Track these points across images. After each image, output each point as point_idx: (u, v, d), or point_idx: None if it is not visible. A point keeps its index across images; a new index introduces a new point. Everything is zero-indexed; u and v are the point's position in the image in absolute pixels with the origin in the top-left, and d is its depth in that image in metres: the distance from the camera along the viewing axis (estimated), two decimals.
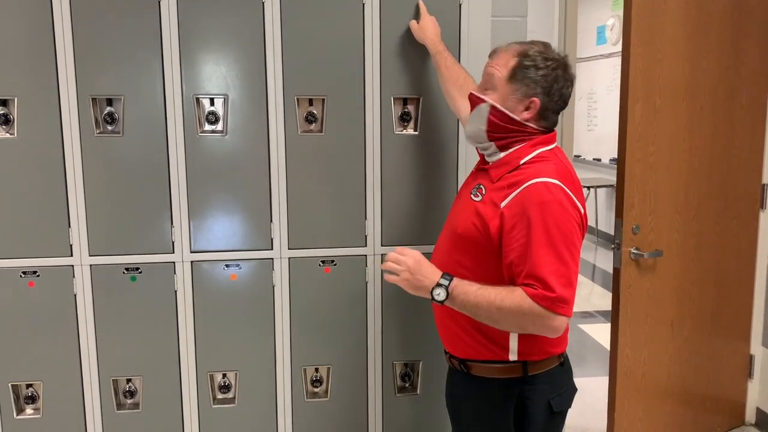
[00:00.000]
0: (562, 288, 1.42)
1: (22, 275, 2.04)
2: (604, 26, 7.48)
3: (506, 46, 1.57)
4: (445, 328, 1.70)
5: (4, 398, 2.09)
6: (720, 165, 2.63)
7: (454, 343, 1.68)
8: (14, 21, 1.94)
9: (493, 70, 1.55)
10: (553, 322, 1.44)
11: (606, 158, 7.52)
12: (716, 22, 2.51)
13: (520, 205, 1.46)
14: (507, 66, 1.52)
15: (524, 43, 1.58)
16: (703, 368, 2.76)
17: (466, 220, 1.57)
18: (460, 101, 1.90)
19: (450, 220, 1.69)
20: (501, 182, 1.54)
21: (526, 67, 1.51)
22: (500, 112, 1.53)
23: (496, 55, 1.58)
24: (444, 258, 1.64)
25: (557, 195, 1.45)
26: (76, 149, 2.01)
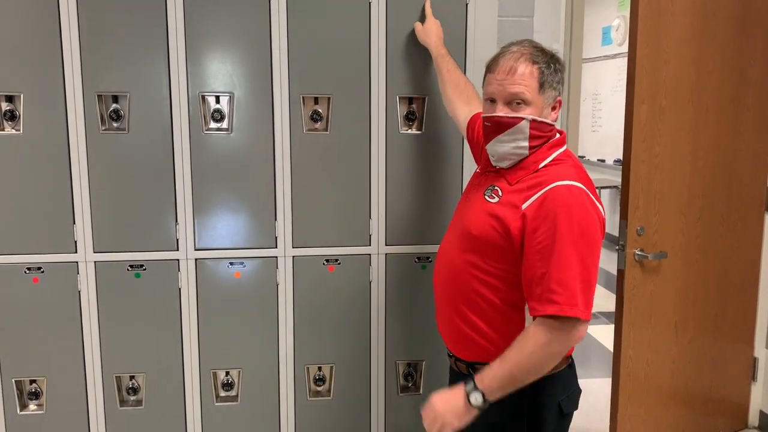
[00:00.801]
0: (582, 294, 1.42)
1: (27, 271, 2.04)
2: (609, 27, 7.47)
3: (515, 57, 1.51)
4: (453, 330, 1.63)
5: (8, 394, 2.09)
6: (725, 167, 2.62)
7: (462, 344, 1.62)
8: (21, 18, 1.94)
9: (521, 89, 1.50)
10: (578, 332, 1.44)
11: (610, 159, 7.51)
12: (722, 24, 2.50)
13: (543, 207, 1.45)
14: (533, 77, 1.50)
15: (525, 49, 1.53)
16: (707, 370, 2.75)
17: (482, 222, 1.53)
18: (458, 104, 1.92)
19: (459, 220, 1.65)
20: (520, 184, 1.52)
21: (548, 73, 1.51)
22: (539, 123, 1.52)
23: (512, 71, 1.50)
24: (456, 259, 1.59)
25: (581, 198, 1.45)
26: (82, 146, 2.01)
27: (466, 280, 1.56)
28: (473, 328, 1.58)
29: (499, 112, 1.52)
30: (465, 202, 1.67)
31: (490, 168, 1.63)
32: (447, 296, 1.63)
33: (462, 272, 1.55)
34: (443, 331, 1.69)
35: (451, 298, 1.61)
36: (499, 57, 1.55)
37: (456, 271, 1.57)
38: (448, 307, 1.61)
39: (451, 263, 1.60)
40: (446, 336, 1.68)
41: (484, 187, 1.60)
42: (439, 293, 1.68)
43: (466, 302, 1.57)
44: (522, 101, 1.50)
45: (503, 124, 1.52)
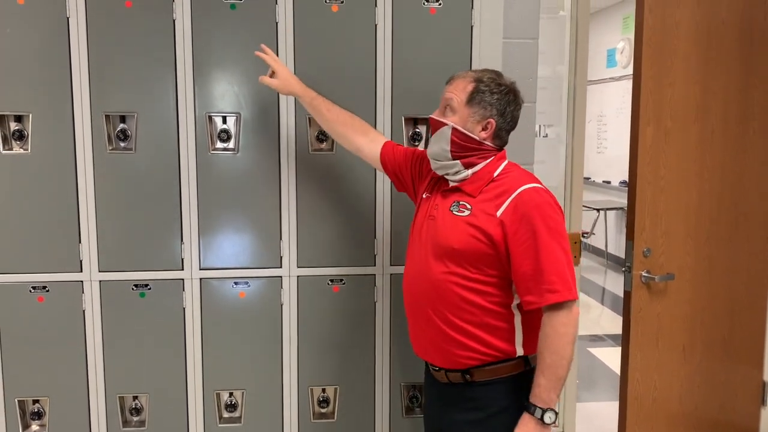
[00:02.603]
0: (572, 278, 1.58)
1: (32, 290, 2.04)
2: (614, 49, 7.52)
3: (462, 73, 1.70)
4: (443, 343, 1.68)
5: (11, 414, 2.08)
6: (732, 188, 2.61)
7: (455, 354, 1.67)
8: (30, 38, 1.97)
9: (451, 95, 1.67)
10: (576, 309, 1.58)
11: (616, 180, 7.51)
12: (727, 45, 2.51)
13: (517, 210, 1.59)
14: (465, 90, 1.66)
15: (477, 70, 1.72)
16: (715, 394, 2.72)
17: (462, 234, 1.62)
18: (355, 138, 1.93)
19: (429, 240, 1.69)
20: (485, 194, 1.64)
21: (482, 91, 1.65)
22: (461, 133, 1.66)
23: (453, 81, 1.69)
24: (437, 276, 1.65)
25: (546, 197, 1.61)
26: (89, 165, 2.02)
27: (453, 292, 1.63)
28: (467, 335, 1.64)
29: (434, 115, 1.70)
30: (430, 221, 1.71)
31: (443, 187, 1.73)
32: (432, 313, 1.67)
33: (447, 286, 1.63)
34: (427, 348, 1.74)
35: (439, 313, 1.66)
36: None
37: (440, 287, 1.64)
38: (435, 323, 1.67)
39: (431, 281, 1.66)
40: (433, 352, 1.72)
41: (447, 204, 1.69)
42: (420, 314, 1.72)
43: (456, 312, 1.63)
44: (449, 107, 1.67)
45: (432, 124, 1.70)
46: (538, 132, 2.85)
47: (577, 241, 2.81)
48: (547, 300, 1.56)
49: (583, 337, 4.77)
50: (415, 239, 1.76)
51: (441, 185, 1.75)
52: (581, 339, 3.93)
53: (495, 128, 1.67)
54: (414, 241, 1.76)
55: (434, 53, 2.09)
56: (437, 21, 2.08)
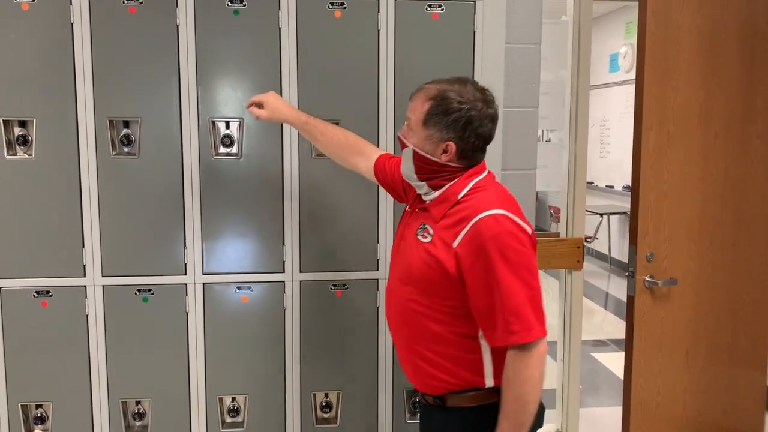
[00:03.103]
0: (534, 314, 1.47)
1: (36, 295, 2.05)
2: (617, 54, 7.52)
3: (425, 86, 1.57)
4: (411, 366, 1.63)
5: (14, 418, 2.08)
6: (735, 193, 2.61)
7: (423, 380, 1.61)
8: (35, 43, 1.98)
9: (409, 114, 1.57)
10: (540, 349, 1.48)
11: (619, 185, 7.50)
12: (730, 50, 2.51)
13: (473, 242, 1.46)
14: (422, 110, 1.53)
15: (443, 81, 1.56)
16: (719, 399, 2.71)
17: (420, 262, 1.54)
18: (352, 159, 1.88)
19: (399, 261, 1.64)
20: (446, 220, 1.53)
21: (436, 113, 1.51)
22: (421, 156, 1.55)
23: (414, 96, 1.57)
24: (402, 298, 1.59)
25: (506, 225, 1.47)
26: (93, 170, 2.03)
27: (414, 317, 1.56)
28: (430, 363, 1.57)
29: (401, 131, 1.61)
30: (400, 240, 1.66)
31: (417, 205, 1.64)
32: (399, 335, 1.64)
33: (409, 310, 1.57)
34: (404, 368, 1.68)
35: (404, 336, 1.61)
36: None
37: (403, 309, 1.58)
38: (404, 345, 1.62)
39: (398, 303, 1.61)
40: (407, 372, 1.67)
41: (416, 226, 1.60)
42: (393, 332, 1.69)
43: (418, 338, 1.57)
44: (408, 128, 1.57)
45: (401, 143, 1.60)
46: (541, 137, 2.86)
47: (580, 245, 2.81)
48: (506, 341, 1.46)
49: (586, 342, 4.75)
50: (393, 254, 1.69)
51: (419, 200, 1.65)
52: (585, 344, 3.93)
53: (456, 151, 1.52)
54: (392, 256, 1.70)
55: (437, 58, 2.10)
56: (440, 26, 2.09)
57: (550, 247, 2.76)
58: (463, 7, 2.09)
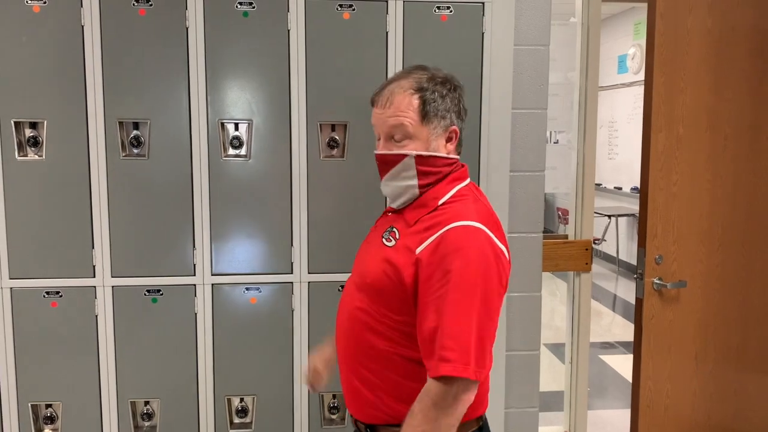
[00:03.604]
0: (475, 350, 1.27)
1: (46, 295, 2.06)
2: (625, 55, 7.50)
3: (393, 88, 1.42)
4: (349, 387, 1.47)
5: (24, 418, 2.10)
6: (744, 195, 2.60)
7: (358, 404, 1.45)
8: (46, 46, 1.99)
9: (400, 120, 1.38)
10: (468, 395, 1.28)
11: (627, 187, 7.48)
12: (740, 51, 2.50)
13: (438, 251, 1.31)
14: (413, 108, 1.39)
15: (407, 76, 1.43)
16: (729, 403, 2.69)
17: (377, 268, 1.39)
18: None
19: (358, 266, 1.51)
20: (418, 225, 1.38)
21: (432, 100, 1.39)
22: (428, 158, 1.40)
23: (389, 103, 1.41)
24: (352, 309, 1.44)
25: (478, 240, 1.31)
26: (102, 172, 2.04)
27: (360, 329, 1.40)
28: (368, 385, 1.41)
29: (381, 148, 1.43)
30: (366, 245, 1.52)
31: (392, 208, 1.51)
32: (343, 347, 1.47)
33: (356, 319, 1.41)
34: (343, 387, 1.51)
35: (348, 352, 1.45)
36: (380, 88, 1.44)
37: (351, 322, 1.43)
38: (345, 361, 1.47)
39: (348, 313, 1.45)
40: (345, 393, 1.50)
41: (383, 228, 1.47)
42: (338, 344, 1.51)
43: (360, 355, 1.41)
44: (403, 135, 1.39)
45: (387, 162, 1.41)
46: (549, 138, 2.85)
47: (588, 247, 2.80)
48: (438, 371, 1.25)
49: (594, 344, 4.74)
50: (356, 261, 1.55)
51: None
52: (593, 346, 3.91)
53: (459, 135, 1.44)
54: (354, 263, 1.56)
55: (445, 60, 2.08)
56: (448, 28, 2.09)
57: (559, 249, 2.76)
58: (472, 8, 2.09)
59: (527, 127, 2.29)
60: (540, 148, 2.31)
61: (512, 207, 2.25)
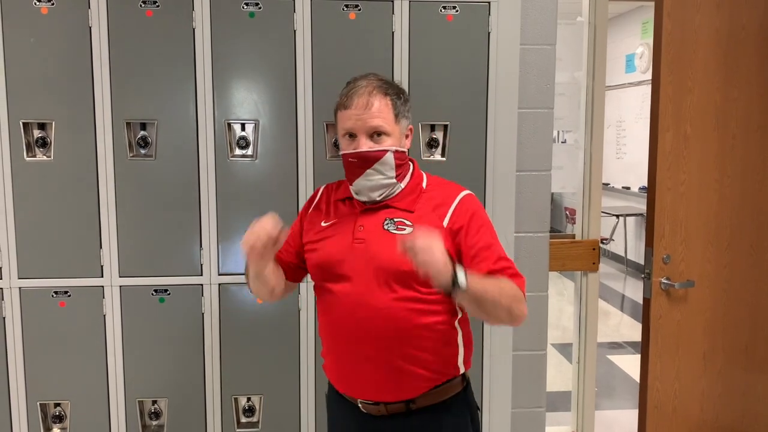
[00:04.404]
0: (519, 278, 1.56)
1: (54, 295, 2.07)
2: (633, 54, 7.47)
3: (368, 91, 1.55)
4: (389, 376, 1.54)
5: (33, 416, 2.11)
6: (753, 194, 2.58)
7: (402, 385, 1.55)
8: (54, 47, 2.01)
9: (379, 122, 1.54)
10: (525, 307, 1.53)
11: (635, 186, 7.45)
12: (747, 51, 2.49)
13: (462, 214, 1.56)
14: (389, 110, 1.56)
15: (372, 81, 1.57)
16: (737, 403, 2.68)
17: None
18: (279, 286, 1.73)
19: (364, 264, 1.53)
20: (422, 208, 1.57)
21: (400, 104, 1.58)
22: (400, 152, 1.58)
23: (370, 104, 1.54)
24: (385, 304, 1.51)
25: (479, 202, 1.63)
26: (110, 172, 2.05)
27: (405, 319, 1.50)
28: (419, 363, 1.54)
29: (362, 146, 1.54)
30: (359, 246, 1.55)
31: (358, 207, 1.61)
32: (376, 347, 1.53)
33: (398, 313, 1.50)
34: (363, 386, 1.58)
35: (386, 345, 1.52)
36: (351, 93, 1.56)
37: (389, 316, 1.50)
38: (380, 357, 1.53)
39: (376, 311, 1.51)
40: (371, 388, 1.58)
41: (376, 223, 1.56)
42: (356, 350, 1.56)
43: (409, 340, 1.52)
44: (382, 133, 1.55)
45: (370, 158, 1.54)
46: (557, 138, 2.85)
47: (595, 247, 2.79)
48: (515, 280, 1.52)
49: (602, 344, 4.72)
50: (336, 269, 1.57)
51: (347, 206, 1.63)
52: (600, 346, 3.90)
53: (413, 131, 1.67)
54: (334, 272, 1.57)
55: (451, 60, 2.10)
56: (454, 28, 2.09)
57: (566, 249, 2.75)
58: (478, 8, 2.09)
59: (534, 126, 2.29)
60: (547, 147, 2.31)
61: (519, 206, 2.24)
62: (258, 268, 1.58)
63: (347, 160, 1.57)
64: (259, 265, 1.57)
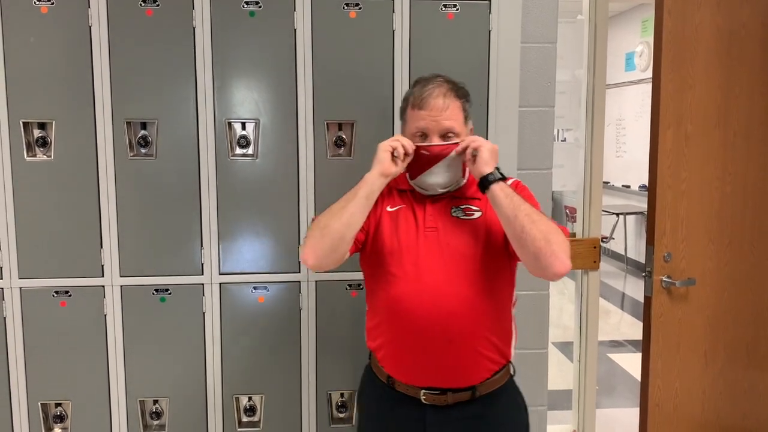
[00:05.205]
0: None
1: (55, 295, 2.07)
2: (632, 53, 7.46)
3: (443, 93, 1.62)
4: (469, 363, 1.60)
5: (34, 417, 2.11)
6: (754, 192, 2.58)
7: (478, 370, 1.63)
8: (53, 47, 2.00)
9: (452, 123, 1.62)
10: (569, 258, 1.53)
11: (635, 185, 7.45)
12: (749, 48, 2.48)
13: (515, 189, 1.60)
14: (460, 112, 1.64)
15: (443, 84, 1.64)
16: (739, 401, 2.68)
17: (485, 236, 1.61)
18: None
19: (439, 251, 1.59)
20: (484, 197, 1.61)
21: (468, 107, 1.67)
22: None
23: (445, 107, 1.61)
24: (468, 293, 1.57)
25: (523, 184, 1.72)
26: (110, 172, 2.05)
27: (480, 304, 1.58)
28: (488, 347, 1.62)
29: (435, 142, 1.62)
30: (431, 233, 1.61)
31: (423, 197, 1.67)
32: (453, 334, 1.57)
33: (474, 299, 1.58)
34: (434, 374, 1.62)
35: (464, 330, 1.57)
36: (426, 95, 1.62)
37: (465, 301, 1.57)
38: (455, 345, 1.58)
39: (454, 297, 1.56)
40: (443, 376, 1.62)
41: (445, 211, 1.65)
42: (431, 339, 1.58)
43: (483, 326, 1.60)
44: (453, 134, 1.62)
45: (441, 154, 1.61)
46: (557, 136, 2.84)
47: (596, 245, 2.79)
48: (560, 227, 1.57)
49: (603, 342, 4.72)
50: (405, 256, 1.61)
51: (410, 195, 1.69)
52: (601, 345, 3.90)
53: None
54: (403, 259, 1.61)
55: (452, 58, 2.09)
56: (455, 26, 2.08)
57: None
58: (479, 6, 2.09)
59: (534, 125, 2.28)
60: (547, 146, 2.31)
61: None
62: (380, 184, 1.62)
63: (418, 153, 1.62)
64: (381, 180, 1.61)
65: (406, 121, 1.68)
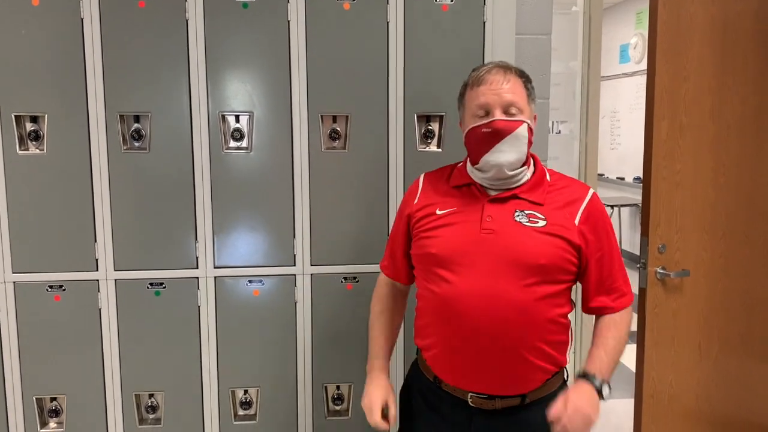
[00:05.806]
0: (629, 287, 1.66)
1: (49, 289, 2.06)
2: (627, 45, 7.46)
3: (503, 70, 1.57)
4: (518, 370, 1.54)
5: (29, 411, 2.11)
6: (748, 184, 2.59)
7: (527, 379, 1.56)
8: (45, 39, 1.99)
9: (516, 97, 1.54)
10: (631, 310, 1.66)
11: (630, 177, 7.46)
12: (744, 39, 2.49)
13: (591, 218, 1.56)
14: (523, 89, 1.57)
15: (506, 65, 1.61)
16: (733, 392, 2.69)
17: (546, 246, 1.50)
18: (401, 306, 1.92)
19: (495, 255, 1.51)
20: (551, 202, 1.56)
21: (531, 88, 1.60)
22: (532, 130, 1.57)
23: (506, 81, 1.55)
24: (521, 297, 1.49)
25: (602, 203, 1.63)
26: (104, 165, 2.04)
27: (537, 311, 1.50)
28: (544, 357, 1.54)
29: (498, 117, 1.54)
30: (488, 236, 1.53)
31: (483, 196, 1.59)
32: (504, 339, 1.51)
33: (531, 306, 1.50)
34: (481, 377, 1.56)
35: (518, 337, 1.50)
36: (484, 73, 1.57)
37: (522, 308, 1.49)
38: (506, 350, 1.52)
39: (510, 303, 1.49)
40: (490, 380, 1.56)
41: (506, 214, 1.54)
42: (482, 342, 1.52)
43: (540, 334, 1.52)
44: (517, 109, 1.54)
45: (502, 128, 1.52)
46: (552, 128, 2.85)
47: None
48: (622, 305, 1.62)
49: None
50: (459, 259, 1.53)
51: (469, 195, 1.59)
52: None
53: None
54: (456, 261, 1.53)
55: (446, 50, 2.09)
56: (449, 17, 2.08)
57: None
58: None
59: None
60: (542, 138, 2.30)
61: None
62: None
63: (479, 132, 1.53)
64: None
65: (465, 104, 1.60)
